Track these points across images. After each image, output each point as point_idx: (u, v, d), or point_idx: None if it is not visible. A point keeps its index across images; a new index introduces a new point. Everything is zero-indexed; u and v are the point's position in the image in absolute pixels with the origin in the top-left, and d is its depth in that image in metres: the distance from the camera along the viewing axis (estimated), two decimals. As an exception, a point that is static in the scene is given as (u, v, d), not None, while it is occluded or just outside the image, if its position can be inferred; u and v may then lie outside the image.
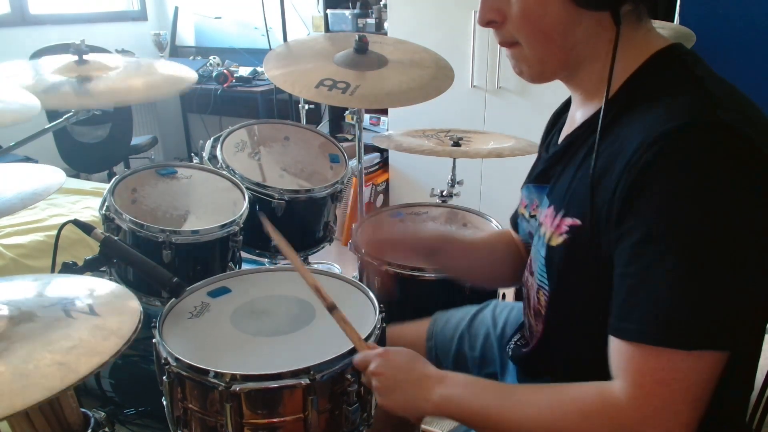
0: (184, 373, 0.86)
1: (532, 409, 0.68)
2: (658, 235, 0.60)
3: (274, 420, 0.85)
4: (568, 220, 0.73)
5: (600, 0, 0.68)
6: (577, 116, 0.80)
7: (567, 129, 0.83)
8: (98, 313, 0.82)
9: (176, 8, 4.16)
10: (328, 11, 3.43)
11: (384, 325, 0.96)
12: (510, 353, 0.96)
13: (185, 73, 1.52)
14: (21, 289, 0.88)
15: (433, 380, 0.77)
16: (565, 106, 0.92)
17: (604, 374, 0.67)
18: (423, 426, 1.75)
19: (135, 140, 3.37)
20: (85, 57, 1.42)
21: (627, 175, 0.62)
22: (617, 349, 0.64)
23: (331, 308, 0.89)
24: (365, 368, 0.82)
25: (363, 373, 0.84)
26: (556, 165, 0.81)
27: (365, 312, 1.00)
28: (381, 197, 3.36)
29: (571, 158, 0.77)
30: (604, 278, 0.67)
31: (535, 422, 0.67)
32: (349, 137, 3.58)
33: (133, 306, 0.85)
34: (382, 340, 0.94)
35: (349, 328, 0.87)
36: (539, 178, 0.85)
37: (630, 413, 0.60)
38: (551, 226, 0.76)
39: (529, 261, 0.87)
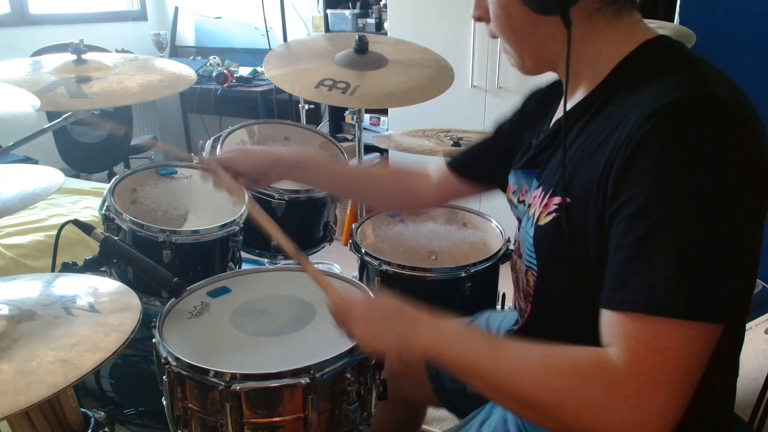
0: (184, 373, 0.86)
1: (527, 364, 0.65)
2: (653, 206, 0.60)
3: (274, 419, 0.85)
4: (556, 199, 0.74)
5: (545, 6, 0.72)
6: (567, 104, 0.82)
7: (557, 116, 0.85)
8: (99, 310, 0.82)
9: (176, 8, 4.17)
10: (328, 11, 3.43)
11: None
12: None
13: (185, 72, 1.52)
14: (20, 289, 0.88)
15: (426, 322, 0.74)
16: (551, 89, 0.94)
17: None
18: (423, 426, 1.75)
19: (135, 140, 3.37)
20: (83, 56, 1.42)
21: (623, 150, 0.63)
22: (611, 320, 0.63)
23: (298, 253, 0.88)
24: (344, 314, 0.79)
25: (339, 321, 0.80)
26: (546, 150, 0.83)
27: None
28: (381, 197, 3.36)
29: (561, 142, 0.79)
30: (590, 255, 0.68)
31: (527, 379, 0.64)
32: (349, 137, 3.58)
33: (132, 302, 0.85)
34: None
35: (318, 275, 0.87)
36: (529, 165, 0.86)
37: (626, 380, 0.59)
38: (540, 206, 0.78)
39: (516, 245, 0.89)
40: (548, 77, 0.88)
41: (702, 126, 0.59)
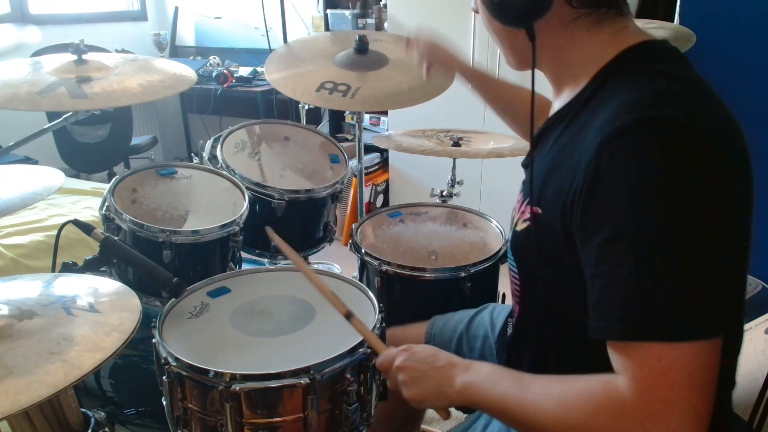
0: (184, 373, 0.86)
1: (548, 402, 0.68)
2: (620, 233, 0.61)
3: (274, 420, 0.85)
4: (531, 208, 0.76)
5: (510, 20, 0.75)
6: (554, 107, 0.83)
7: (551, 112, 0.86)
8: (98, 310, 0.82)
9: (176, 8, 4.16)
10: (328, 11, 3.43)
11: (384, 325, 0.96)
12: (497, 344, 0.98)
13: (185, 72, 1.51)
14: (21, 289, 0.88)
15: (459, 367, 0.78)
16: None
17: (574, 363, 0.69)
18: (423, 426, 1.75)
19: (135, 140, 3.37)
20: (84, 57, 1.41)
21: (584, 177, 0.64)
22: (610, 350, 0.64)
23: (348, 316, 0.89)
24: (389, 367, 0.83)
25: (385, 373, 0.85)
26: (534, 150, 0.83)
27: (365, 312, 1.00)
28: (381, 197, 3.36)
29: (542, 148, 0.80)
30: (565, 263, 0.69)
31: (549, 416, 0.67)
32: (349, 137, 3.58)
33: (132, 302, 0.85)
34: (381, 340, 0.94)
35: (368, 333, 0.89)
36: (523, 162, 0.87)
37: (638, 408, 0.60)
38: (518, 212, 0.80)
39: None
40: (549, 87, 0.89)
41: (651, 151, 0.60)
